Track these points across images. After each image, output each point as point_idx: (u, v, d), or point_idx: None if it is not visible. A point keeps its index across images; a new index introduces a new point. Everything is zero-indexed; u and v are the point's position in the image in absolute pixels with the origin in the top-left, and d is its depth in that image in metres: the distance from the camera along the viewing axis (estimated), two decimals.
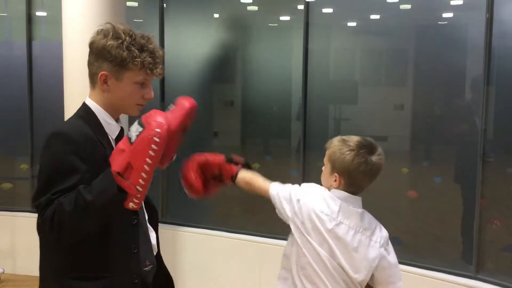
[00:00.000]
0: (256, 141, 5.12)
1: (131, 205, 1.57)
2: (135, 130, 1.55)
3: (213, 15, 4.94)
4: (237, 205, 4.95)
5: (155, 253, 1.94)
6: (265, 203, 1.94)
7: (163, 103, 4.59)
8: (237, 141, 4.95)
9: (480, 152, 3.51)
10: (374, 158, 1.88)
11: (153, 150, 1.51)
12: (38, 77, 4.96)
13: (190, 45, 4.82)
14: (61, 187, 1.59)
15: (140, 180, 1.52)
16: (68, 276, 1.71)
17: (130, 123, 1.60)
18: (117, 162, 1.54)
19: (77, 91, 3.50)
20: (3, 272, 4.74)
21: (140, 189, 1.53)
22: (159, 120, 1.53)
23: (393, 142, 4.30)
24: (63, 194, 1.59)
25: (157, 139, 1.50)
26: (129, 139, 1.54)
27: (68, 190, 1.59)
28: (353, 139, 1.91)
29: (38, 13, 5.02)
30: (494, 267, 3.57)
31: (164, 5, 4.68)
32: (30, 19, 4.94)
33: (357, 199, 1.95)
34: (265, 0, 4.87)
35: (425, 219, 4.12)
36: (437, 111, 4.12)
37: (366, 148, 1.89)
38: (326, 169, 1.97)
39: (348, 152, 1.87)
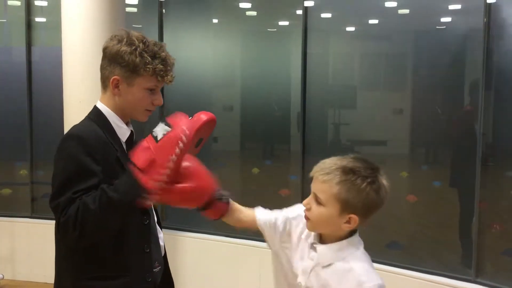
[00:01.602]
0: (256, 146, 5.13)
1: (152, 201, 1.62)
2: (161, 129, 1.61)
3: (212, 21, 4.95)
4: None
5: (162, 254, 1.97)
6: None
7: (162, 108, 4.60)
8: (237, 146, 4.96)
9: (479, 156, 3.52)
10: (385, 179, 1.54)
11: (180, 148, 1.56)
12: (38, 82, 4.97)
13: (189, 50, 4.83)
14: (81, 187, 1.63)
15: (162, 177, 1.56)
16: (84, 277, 1.73)
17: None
18: (140, 159, 1.60)
19: (76, 96, 3.51)
20: (3, 278, 4.73)
21: (162, 185, 1.58)
22: (187, 122, 1.62)
23: (392, 146, 4.31)
24: (84, 194, 1.62)
25: (184, 139, 1.56)
26: (155, 138, 1.60)
27: (88, 190, 1.63)
28: (358, 165, 1.52)
29: (38, 19, 5.03)
30: (493, 270, 3.57)
31: (163, 10, 4.69)
32: (29, 25, 4.95)
33: None
34: (264, 5, 4.89)
35: (425, 223, 4.12)
36: (436, 115, 4.13)
37: (377, 171, 1.53)
38: (329, 211, 1.51)
39: (368, 187, 1.48)
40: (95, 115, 1.81)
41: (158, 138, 1.59)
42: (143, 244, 1.81)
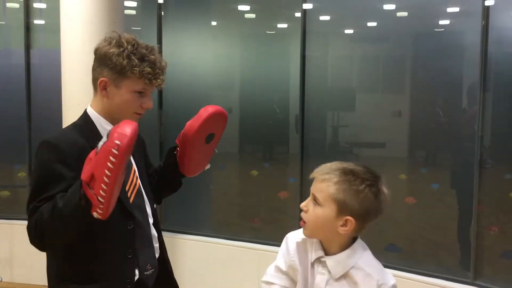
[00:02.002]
0: (255, 148, 5.13)
1: (95, 214, 1.54)
2: (102, 140, 1.54)
3: (210, 23, 4.95)
4: (236, 212, 4.95)
5: (157, 256, 1.95)
6: (263, 211, 1.90)
7: (161, 111, 4.60)
8: (236, 148, 4.96)
9: (477, 159, 3.52)
10: (386, 187, 1.52)
11: (111, 162, 1.47)
12: (36, 85, 4.96)
13: (188, 53, 4.83)
14: (46, 195, 1.63)
15: (101, 192, 1.49)
16: (61, 279, 1.75)
17: None
18: (84, 171, 1.54)
19: (75, 99, 3.50)
20: (1, 281, 4.72)
21: (101, 200, 1.50)
22: (121, 131, 1.50)
23: (391, 149, 4.31)
24: (47, 202, 1.62)
25: (115, 151, 1.47)
26: (97, 148, 1.54)
27: (53, 197, 1.62)
28: (358, 169, 1.51)
29: (36, 22, 5.03)
30: (492, 273, 3.57)
31: (162, 13, 4.70)
32: (28, 27, 4.94)
33: None
34: (263, 7, 4.89)
35: (423, 225, 4.13)
36: (435, 117, 4.13)
37: (378, 178, 1.52)
38: (325, 212, 1.49)
39: (366, 188, 1.47)
40: (82, 119, 1.82)
41: (97, 150, 1.52)
42: (126, 249, 1.79)
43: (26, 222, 1.68)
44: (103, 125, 1.80)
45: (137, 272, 1.83)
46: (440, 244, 3.98)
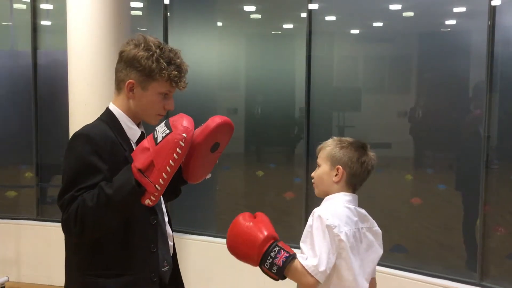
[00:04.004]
0: (260, 149, 5.14)
1: (147, 201, 1.63)
2: (161, 131, 1.63)
3: (216, 24, 4.97)
4: (241, 213, 4.95)
5: (171, 254, 1.99)
6: (269, 211, 1.93)
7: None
8: (241, 148, 4.97)
9: (483, 159, 3.51)
10: (370, 153, 1.96)
11: (177, 153, 1.59)
12: (43, 85, 4.99)
13: (193, 53, 4.84)
14: (84, 185, 1.67)
15: (160, 180, 1.60)
16: (89, 274, 1.77)
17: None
18: (140, 160, 1.62)
19: (81, 99, 3.52)
20: (8, 280, 4.74)
21: (159, 188, 1.61)
22: (186, 125, 1.62)
23: (397, 149, 4.30)
24: (86, 191, 1.66)
25: (182, 144, 1.59)
26: (155, 139, 1.63)
27: (91, 188, 1.67)
28: (347, 138, 2.00)
29: (43, 23, 5.06)
30: (498, 274, 3.56)
31: (168, 14, 4.71)
32: (35, 28, 4.97)
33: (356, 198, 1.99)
34: (268, 8, 4.90)
35: (430, 226, 4.12)
36: (441, 117, 4.12)
37: (360, 144, 1.98)
38: (323, 168, 1.98)
39: (347, 145, 1.95)
40: (107, 116, 1.86)
41: (158, 140, 1.62)
42: (150, 243, 1.83)
43: (33, 222, 1.70)
44: (126, 123, 1.85)
45: None
46: (446, 245, 3.97)
